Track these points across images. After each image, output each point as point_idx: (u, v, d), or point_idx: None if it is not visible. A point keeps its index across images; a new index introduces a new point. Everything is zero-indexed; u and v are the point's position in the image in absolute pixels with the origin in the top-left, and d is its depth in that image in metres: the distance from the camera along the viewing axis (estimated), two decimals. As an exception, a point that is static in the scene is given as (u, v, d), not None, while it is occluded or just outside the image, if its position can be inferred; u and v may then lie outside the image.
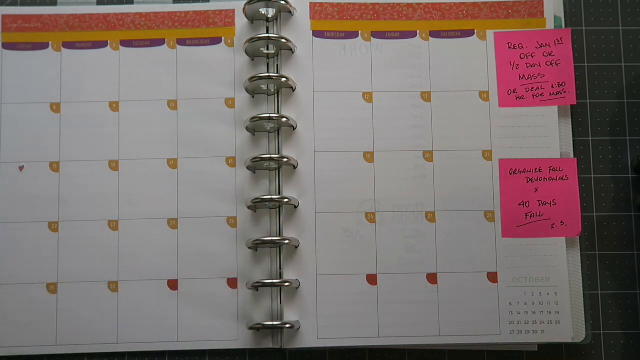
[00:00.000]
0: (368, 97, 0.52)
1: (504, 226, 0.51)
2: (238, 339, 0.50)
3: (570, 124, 0.52)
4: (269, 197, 0.49)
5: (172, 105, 0.52)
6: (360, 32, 0.53)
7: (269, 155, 0.49)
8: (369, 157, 0.51)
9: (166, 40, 0.53)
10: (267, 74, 0.50)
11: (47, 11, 0.53)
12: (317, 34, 0.52)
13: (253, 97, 0.52)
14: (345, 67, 0.52)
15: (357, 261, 0.50)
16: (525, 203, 0.51)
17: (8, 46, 0.53)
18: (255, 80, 0.50)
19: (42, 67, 0.53)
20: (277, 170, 0.51)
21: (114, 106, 0.52)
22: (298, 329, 0.49)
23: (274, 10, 0.52)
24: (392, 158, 0.51)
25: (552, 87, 0.52)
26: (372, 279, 0.50)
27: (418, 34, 0.53)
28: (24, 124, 0.52)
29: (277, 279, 0.50)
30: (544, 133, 0.52)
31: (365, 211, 0.50)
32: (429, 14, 0.53)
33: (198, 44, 0.53)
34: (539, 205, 0.51)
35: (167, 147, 0.52)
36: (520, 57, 0.53)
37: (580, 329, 0.50)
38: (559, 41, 0.53)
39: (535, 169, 0.51)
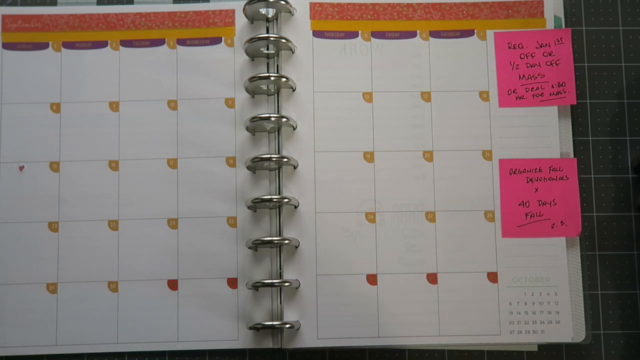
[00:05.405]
0: (368, 97, 0.52)
1: (504, 226, 0.51)
2: (238, 339, 0.50)
3: (570, 124, 0.52)
4: (269, 197, 0.49)
5: (172, 105, 0.52)
6: (360, 32, 0.53)
7: (269, 155, 0.49)
8: (369, 157, 0.51)
9: (166, 40, 0.53)
10: (267, 74, 0.50)
11: (47, 11, 0.53)
12: (317, 34, 0.52)
13: (253, 97, 0.52)
14: (345, 67, 0.52)
15: (357, 261, 0.50)
16: (525, 203, 0.51)
17: (8, 46, 0.53)
18: (255, 80, 0.50)
19: (42, 67, 0.53)
20: (277, 170, 0.51)
21: (114, 106, 0.52)
22: (298, 329, 0.49)
23: (274, 10, 0.52)
24: (392, 158, 0.51)
25: (552, 87, 0.52)
26: (372, 279, 0.50)
27: (418, 34, 0.53)
28: (24, 124, 0.52)
29: (277, 279, 0.50)
30: (544, 133, 0.52)
31: (365, 211, 0.50)
32: (429, 14, 0.53)
33: (198, 44, 0.53)
34: (539, 205, 0.51)
35: (167, 147, 0.52)
36: (520, 57, 0.53)
37: (580, 329, 0.50)
38: (559, 41, 0.53)
39: (535, 169, 0.51)
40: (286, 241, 0.49)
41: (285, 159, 0.50)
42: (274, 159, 0.49)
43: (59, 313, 0.50)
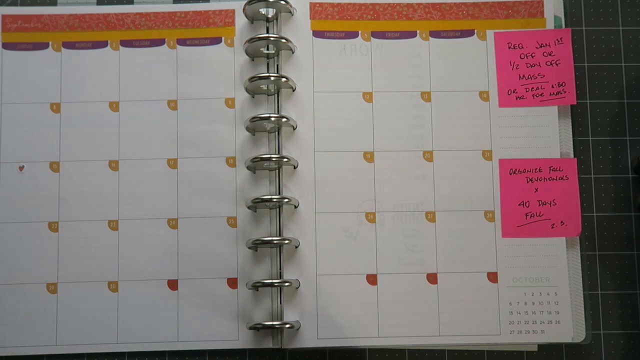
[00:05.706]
0: (368, 97, 0.52)
1: (504, 226, 0.51)
2: (238, 339, 0.50)
3: (570, 124, 0.52)
4: (269, 197, 0.49)
5: (172, 105, 0.52)
6: (360, 32, 0.53)
7: (268, 155, 0.49)
8: (369, 157, 0.51)
9: (166, 40, 0.53)
10: (267, 74, 0.50)
11: (47, 11, 0.53)
12: (317, 34, 0.52)
13: (253, 97, 0.52)
14: (345, 67, 0.52)
15: (357, 261, 0.50)
16: (525, 203, 0.51)
17: (8, 46, 0.53)
18: (255, 80, 0.50)
19: (42, 67, 0.53)
20: (277, 170, 0.51)
21: (114, 106, 0.52)
22: (298, 329, 0.49)
23: (274, 10, 0.52)
24: (392, 158, 0.51)
25: (552, 87, 0.52)
26: (372, 279, 0.50)
27: (418, 34, 0.53)
28: (24, 124, 0.52)
29: (277, 279, 0.50)
30: (544, 133, 0.52)
31: (365, 211, 0.50)
32: (429, 14, 0.53)
33: (198, 44, 0.53)
34: (539, 205, 0.51)
35: (167, 147, 0.52)
36: (520, 57, 0.53)
37: (580, 329, 0.50)
38: (559, 41, 0.53)
39: (535, 169, 0.51)
40: (286, 241, 0.49)
41: (285, 159, 0.50)
42: (274, 159, 0.49)
43: (59, 313, 0.50)
